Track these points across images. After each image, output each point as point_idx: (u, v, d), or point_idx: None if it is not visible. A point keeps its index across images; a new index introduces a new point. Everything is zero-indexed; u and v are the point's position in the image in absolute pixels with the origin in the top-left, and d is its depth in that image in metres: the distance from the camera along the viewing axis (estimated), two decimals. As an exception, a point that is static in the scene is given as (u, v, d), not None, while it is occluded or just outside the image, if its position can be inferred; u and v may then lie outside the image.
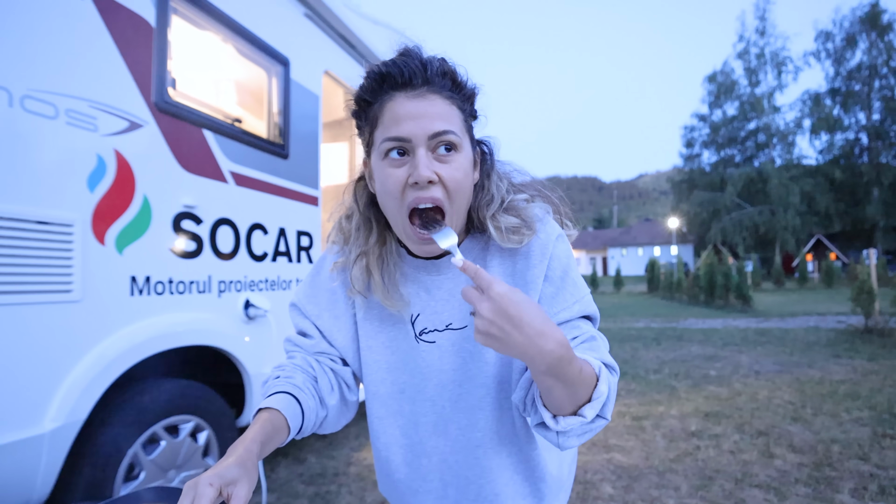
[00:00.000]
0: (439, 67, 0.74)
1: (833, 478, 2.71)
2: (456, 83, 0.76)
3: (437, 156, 0.73)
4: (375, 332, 0.89)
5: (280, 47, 2.71)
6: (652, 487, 2.68)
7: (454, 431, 0.87)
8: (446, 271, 0.85)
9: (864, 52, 35.63)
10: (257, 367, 2.49)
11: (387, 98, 0.74)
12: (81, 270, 1.71)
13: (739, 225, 36.33)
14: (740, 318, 11.30)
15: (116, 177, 1.84)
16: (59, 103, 1.66)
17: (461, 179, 0.75)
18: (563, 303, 0.80)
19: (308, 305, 0.92)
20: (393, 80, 0.73)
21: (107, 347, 1.79)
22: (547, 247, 0.81)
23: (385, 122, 0.73)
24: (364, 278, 0.85)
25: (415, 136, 0.71)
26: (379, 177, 0.76)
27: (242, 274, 2.45)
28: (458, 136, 0.74)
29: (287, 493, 2.74)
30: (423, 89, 0.73)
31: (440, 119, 0.72)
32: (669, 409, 4.16)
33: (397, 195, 0.74)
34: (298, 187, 2.89)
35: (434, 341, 0.86)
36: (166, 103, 2.04)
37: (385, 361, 0.89)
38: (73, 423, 1.68)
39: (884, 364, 5.57)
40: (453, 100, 0.75)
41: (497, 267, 0.84)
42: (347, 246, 0.88)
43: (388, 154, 0.74)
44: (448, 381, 0.86)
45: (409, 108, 0.72)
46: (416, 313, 0.86)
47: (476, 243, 0.87)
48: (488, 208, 0.82)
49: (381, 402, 0.90)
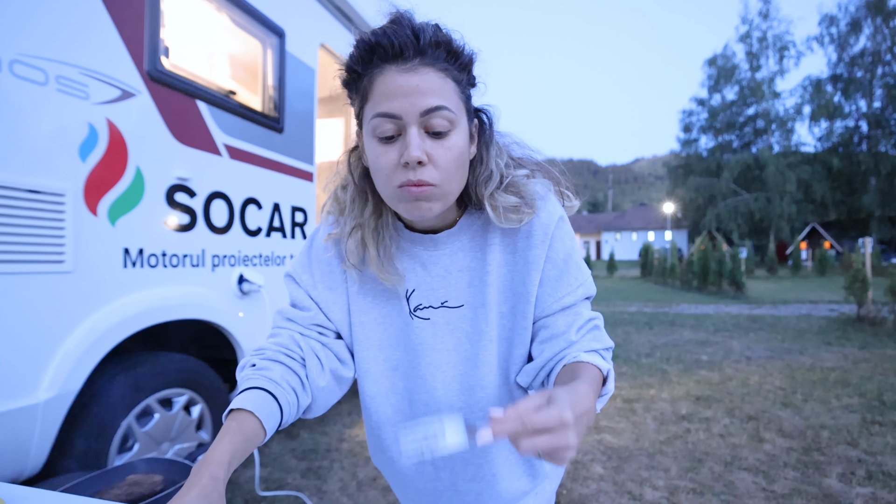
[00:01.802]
0: (433, 37, 0.68)
1: (821, 462, 2.74)
2: (451, 52, 0.70)
3: (430, 133, 0.69)
4: (368, 307, 0.86)
5: (275, 18, 2.65)
6: (642, 469, 2.71)
7: (451, 410, 0.85)
8: (443, 247, 0.83)
9: (868, 38, 35.16)
10: (251, 342, 2.48)
11: (377, 71, 0.69)
12: (74, 241, 1.68)
13: (735, 211, 36.37)
14: (733, 304, 11.37)
15: (108, 147, 1.80)
16: (50, 69, 1.62)
17: (455, 158, 0.71)
18: (568, 286, 0.80)
19: (303, 275, 0.88)
20: (383, 51, 0.68)
21: (100, 319, 1.78)
22: (549, 227, 0.79)
23: (375, 97, 0.69)
24: (359, 251, 0.81)
25: (406, 113, 0.67)
26: (370, 153, 0.73)
27: (236, 248, 2.43)
28: (452, 113, 0.69)
29: (279, 467, 2.75)
30: (415, 62, 0.67)
31: (433, 94, 0.67)
32: (660, 392, 4.20)
33: (388, 174, 0.70)
34: (293, 162, 2.86)
35: (428, 318, 0.84)
36: (159, 72, 1.99)
37: (377, 338, 0.87)
38: (66, 393, 1.67)
39: (875, 352, 5.63)
40: (448, 71, 0.70)
41: (498, 245, 0.82)
42: (343, 217, 0.84)
43: (378, 131, 0.69)
44: (442, 362, 0.84)
45: (399, 82, 0.67)
46: (411, 289, 0.84)
47: (475, 220, 0.84)
48: (486, 186, 0.78)
49: (373, 379, 0.88)
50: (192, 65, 2.27)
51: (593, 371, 0.71)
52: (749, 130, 39.79)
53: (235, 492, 2.46)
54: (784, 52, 37.53)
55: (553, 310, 0.80)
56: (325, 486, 2.53)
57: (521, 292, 0.81)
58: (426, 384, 0.85)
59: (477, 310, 0.82)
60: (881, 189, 34.21)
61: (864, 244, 8.37)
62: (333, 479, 2.61)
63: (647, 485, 2.52)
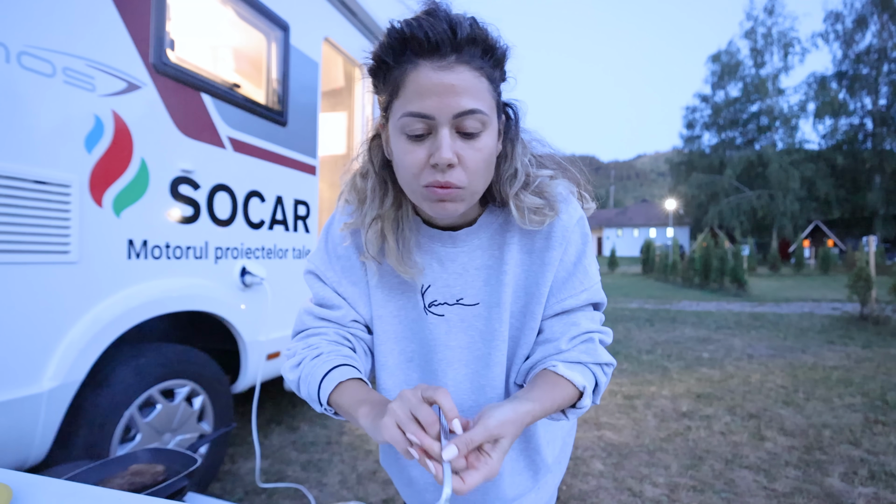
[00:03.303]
0: (469, 33, 0.64)
1: (823, 462, 2.74)
2: (487, 49, 0.67)
3: (460, 133, 0.66)
4: (385, 300, 0.86)
5: (280, 11, 2.65)
6: (642, 465, 2.72)
7: (460, 409, 0.85)
8: (462, 244, 0.82)
9: (874, 35, 34.89)
10: (253, 334, 2.49)
11: (410, 66, 0.65)
12: (79, 232, 1.69)
13: (737, 209, 36.26)
14: (735, 301, 11.36)
15: (114, 138, 1.81)
16: (57, 61, 1.62)
17: (484, 159, 0.69)
18: (571, 290, 0.80)
19: (327, 272, 0.86)
20: (418, 44, 0.64)
21: (104, 310, 1.79)
22: (568, 230, 0.79)
23: (407, 94, 0.66)
24: (378, 242, 0.80)
25: (439, 113, 0.64)
26: (396, 150, 0.70)
27: (239, 241, 2.44)
28: (485, 115, 0.66)
29: (280, 459, 2.77)
30: (450, 59, 0.64)
31: (468, 95, 0.64)
32: (661, 389, 4.20)
33: (415, 173, 0.68)
34: (296, 155, 2.86)
35: (443, 314, 0.83)
36: (165, 65, 1.99)
37: (393, 331, 0.86)
38: (70, 383, 1.68)
39: (878, 352, 5.62)
40: (483, 70, 0.67)
41: (516, 244, 0.81)
42: (362, 207, 0.82)
43: (408, 129, 0.67)
44: (454, 359, 0.84)
45: (434, 80, 0.63)
46: (426, 284, 0.83)
47: (494, 218, 0.83)
48: (511, 185, 0.76)
49: (389, 372, 0.87)
50: (197, 58, 2.27)
51: (564, 388, 0.73)
52: (752, 127, 39.62)
53: (236, 483, 2.47)
54: (789, 48, 37.31)
55: (553, 311, 0.81)
56: (326, 479, 2.54)
57: (534, 292, 0.81)
58: (437, 381, 0.85)
59: (492, 309, 0.82)
60: (886, 187, 34.06)
61: (868, 242, 8.35)
62: (333, 472, 2.62)
63: (647, 482, 2.53)
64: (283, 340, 2.73)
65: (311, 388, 0.74)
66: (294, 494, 2.38)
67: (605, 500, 2.36)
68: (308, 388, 0.75)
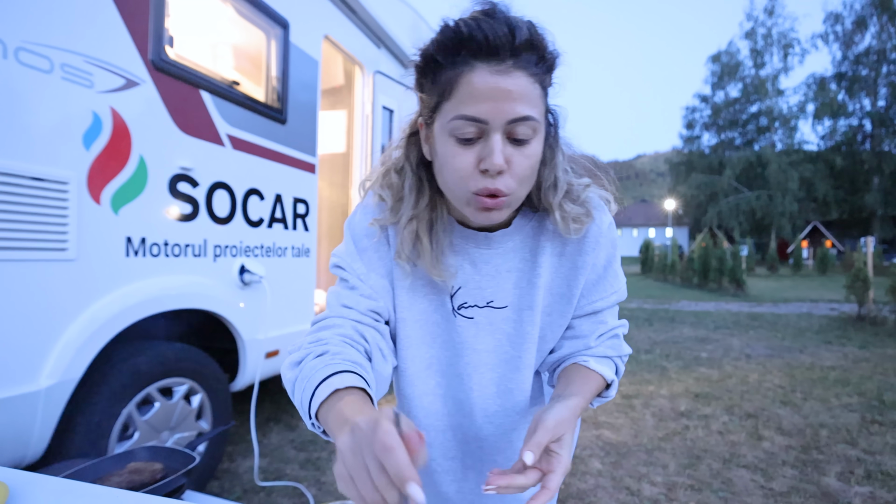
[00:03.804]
0: (528, 38, 0.62)
1: (820, 461, 2.75)
2: (542, 55, 0.65)
3: (511, 140, 0.65)
4: (410, 303, 0.83)
5: (280, 9, 2.64)
6: (640, 464, 2.72)
7: (485, 413, 0.85)
8: (497, 246, 0.80)
9: (873, 36, 35.00)
10: (251, 332, 2.48)
11: (465, 68, 0.62)
12: (77, 229, 1.68)
13: (736, 209, 36.30)
14: (733, 301, 11.37)
15: (112, 135, 1.80)
16: (55, 57, 1.61)
17: (531, 166, 0.68)
18: (602, 292, 0.83)
19: (354, 264, 0.81)
20: (476, 46, 0.61)
21: (102, 307, 1.78)
22: (601, 235, 0.80)
23: (460, 96, 0.63)
24: (412, 243, 0.77)
25: (493, 119, 0.62)
26: (442, 152, 0.68)
27: (238, 239, 2.43)
28: (537, 122, 0.65)
29: (278, 458, 2.76)
30: (508, 63, 0.61)
31: (523, 102, 0.63)
32: (660, 388, 4.21)
33: (463, 177, 0.66)
34: (296, 154, 2.85)
35: (472, 317, 0.82)
36: (163, 62, 1.99)
37: (416, 336, 0.84)
38: (68, 381, 1.68)
39: (875, 352, 5.63)
40: (537, 77, 0.64)
41: (549, 247, 0.81)
42: (396, 204, 0.79)
43: (459, 132, 0.65)
44: (480, 363, 0.83)
45: (490, 84, 0.61)
46: (457, 286, 0.81)
47: (528, 221, 0.82)
48: (554, 194, 0.76)
49: (408, 380, 0.85)
50: (197, 55, 2.26)
51: (596, 381, 0.77)
52: (752, 128, 39.67)
53: (234, 482, 2.47)
54: (788, 49, 37.34)
55: (584, 312, 0.83)
56: (324, 478, 2.54)
57: (564, 293, 0.82)
58: (462, 384, 0.84)
59: (522, 312, 0.81)
60: (884, 188, 34.18)
61: (866, 243, 8.36)
62: (332, 471, 2.61)
63: (645, 481, 2.53)
64: (283, 339, 2.73)
65: (304, 394, 0.62)
66: (292, 493, 2.37)
67: (603, 498, 2.36)
68: (302, 393, 0.63)
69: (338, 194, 4.03)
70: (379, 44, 3.77)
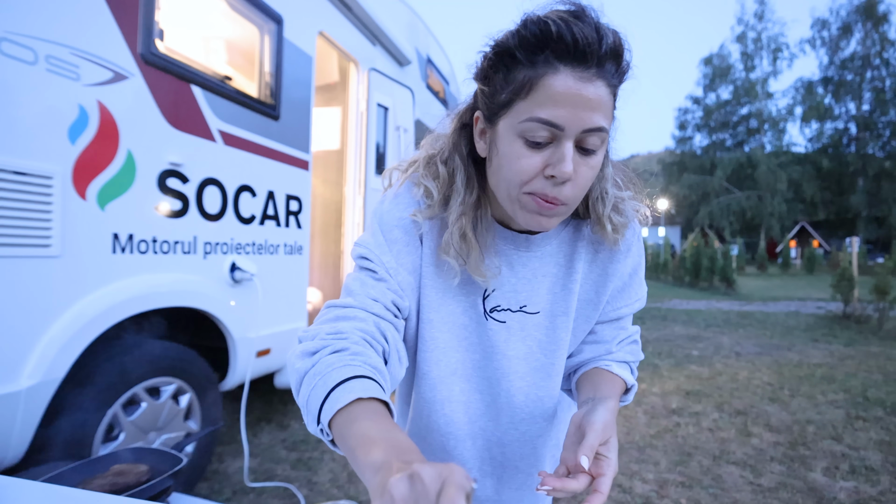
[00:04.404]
0: (612, 46, 0.59)
1: (807, 457, 2.77)
2: (620, 67, 0.62)
3: (578, 148, 0.63)
4: (438, 304, 0.78)
5: (274, 4, 2.61)
6: (632, 462, 2.72)
7: (511, 420, 0.83)
8: (536, 249, 0.78)
9: (858, 42, 35.62)
10: (242, 331, 2.45)
11: (549, 69, 0.59)
12: (61, 225, 1.65)
13: (727, 209, 36.63)
14: (724, 300, 11.45)
15: (99, 129, 1.76)
16: (39, 48, 1.57)
17: (593, 178, 0.66)
18: (627, 299, 0.83)
19: (384, 256, 0.75)
20: (563, 48, 0.58)
21: (87, 305, 1.75)
22: (631, 244, 0.81)
23: (538, 98, 0.60)
24: (458, 242, 0.73)
25: (570, 126, 0.60)
26: (507, 152, 0.65)
27: (229, 236, 2.40)
28: (607, 134, 0.63)
29: (270, 458, 2.74)
30: (592, 70, 0.59)
31: (600, 112, 0.60)
32: (651, 386, 4.22)
33: (525, 179, 0.64)
34: (289, 150, 2.82)
35: (504, 321, 0.79)
36: (153, 55, 1.95)
37: (443, 339, 0.79)
38: (50, 381, 1.64)
39: (860, 349, 5.70)
40: (613, 87, 0.62)
41: (583, 253, 0.80)
42: (443, 197, 0.75)
43: (530, 134, 0.61)
44: (510, 370, 0.80)
45: (573, 90, 0.58)
46: (491, 288, 0.79)
47: (564, 226, 0.80)
48: (603, 206, 0.74)
49: (430, 384, 0.81)
50: (188, 49, 2.23)
51: (619, 385, 0.78)
52: (742, 129, 40.02)
53: (224, 483, 2.44)
54: (778, 53, 37.69)
55: (608, 318, 0.83)
56: (316, 478, 2.52)
57: (591, 299, 0.81)
58: (490, 389, 0.82)
59: (556, 318, 0.80)
60: (868, 190, 34.80)
61: (852, 244, 8.46)
62: (324, 471, 2.59)
63: (636, 478, 2.53)
64: (274, 337, 2.70)
65: (316, 392, 0.56)
66: (283, 494, 2.35)
67: (595, 498, 2.36)
68: (313, 391, 0.56)
69: (331, 191, 4.00)
70: (374, 41, 3.74)
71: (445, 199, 0.75)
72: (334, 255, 4.02)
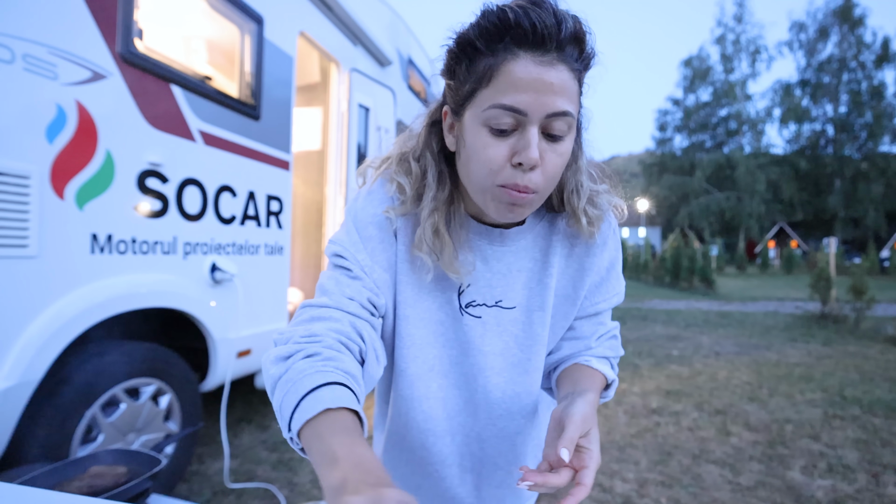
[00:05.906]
0: (573, 31, 0.60)
1: (785, 456, 2.83)
2: (583, 51, 0.63)
3: (545, 135, 0.63)
4: (413, 300, 0.78)
5: (254, 4, 2.59)
6: (612, 461, 2.76)
7: (490, 416, 0.83)
8: (511, 244, 0.78)
9: (835, 45, 36.35)
10: (222, 331, 2.44)
11: (509, 56, 0.60)
12: (38, 225, 1.63)
13: (707, 210, 37.11)
14: (703, 300, 11.62)
15: (77, 129, 1.74)
16: (16, 47, 1.55)
17: (562, 164, 0.66)
18: (605, 294, 0.83)
19: (359, 254, 0.74)
20: (522, 34, 0.59)
21: (65, 306, 1.72)
22: (607, 237, 0.80)
23: (499, 85, 0.61)
24: (432, 238, 0.73)
25: (533, 111, 0.60)
26: (474, 142, 0.65)
27: (209, 236, 2.38)
28: (573, 118, 0.63)
29: (250, 459, 2.72)
30: (552, 55, 0.59)
31: (563, 96, 0.60)
32: (632, 386, 4.27)
33: (493, 169, 0.64)
34: (270, 150, 2.81)
35: (480, 316, 0.79)
36: (132, 54, 1.93)
37: (419, 336, 0.79)
38: (27, 382, 1.62)
39: (837, 349, 5.83)
40: (577, 72, 0.62)
41: (559, 247, 0.80)
42: (415, 194, 0.75)
43: (494, 122, 0.62)
44: (486, 365, 0.80)
45: (533, 75, 0.59)
46: (466, 284, 0.78)
47: (539, 219, 0.80)
48: (578, 198, 0.75)
49: (408, 381, 0.80)
50: (167, 48, 2.21)
51: (599, 379, 0.77)
52: (722, 131, 40.60)
53: (203, 484, 2.42)
54: (756, 55, 38.30)
55: (586, 313, 0.83)
56: (296, 479, 2.51)
57: (569, 295, 0.81)
58: (468, 386, 0.82)
59: (532, 313, 0.80)
60: (845, 191, 35.52)
61: (829, 244, 8.64)
62: (304, 472, 2.59)
63: (617, 477, 2.56)
64: (255, 338, 2.69)
65: (287, 400, 0.55)
66: (264, 494, 2.34)
67: (576, 496, 2.38)
68: (285, 397, 0.56)
69: (312, 192, 3.98)
70: (355, 41, 3.73)
71: (418, 196, 0.75)
72: (315, 255, 4.00)
